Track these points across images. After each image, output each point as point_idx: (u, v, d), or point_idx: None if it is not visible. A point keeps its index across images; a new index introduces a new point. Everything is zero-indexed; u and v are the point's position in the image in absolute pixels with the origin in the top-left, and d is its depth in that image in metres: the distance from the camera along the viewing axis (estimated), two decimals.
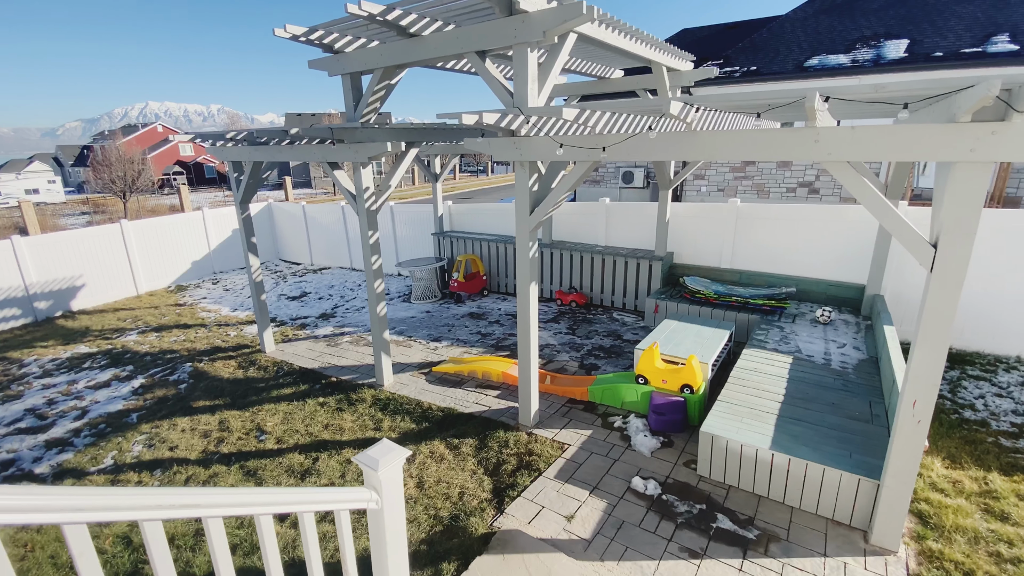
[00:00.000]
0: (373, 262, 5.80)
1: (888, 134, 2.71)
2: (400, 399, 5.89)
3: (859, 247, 7.10)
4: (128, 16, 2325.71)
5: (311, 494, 1.73)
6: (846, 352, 5.61)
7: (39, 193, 42.74)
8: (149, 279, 12.30)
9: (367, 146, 5.18)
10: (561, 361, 6.73)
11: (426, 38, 4.44)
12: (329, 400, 6.12)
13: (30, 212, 24.04)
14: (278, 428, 5.62)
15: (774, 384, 4.88)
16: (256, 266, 7.56)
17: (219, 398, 6.55)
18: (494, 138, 4.31)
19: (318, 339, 8.25)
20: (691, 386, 4.98)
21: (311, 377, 6.85)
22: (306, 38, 4.84)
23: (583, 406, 5.53)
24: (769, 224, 7.69)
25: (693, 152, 3.27)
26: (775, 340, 5.92)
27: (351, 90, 5.25)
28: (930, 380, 2.98)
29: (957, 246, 2.70)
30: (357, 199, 5.60)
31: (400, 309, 9.50)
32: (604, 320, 8.29)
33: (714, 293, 7.22)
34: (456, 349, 7.37)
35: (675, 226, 8.45)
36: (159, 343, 8.70)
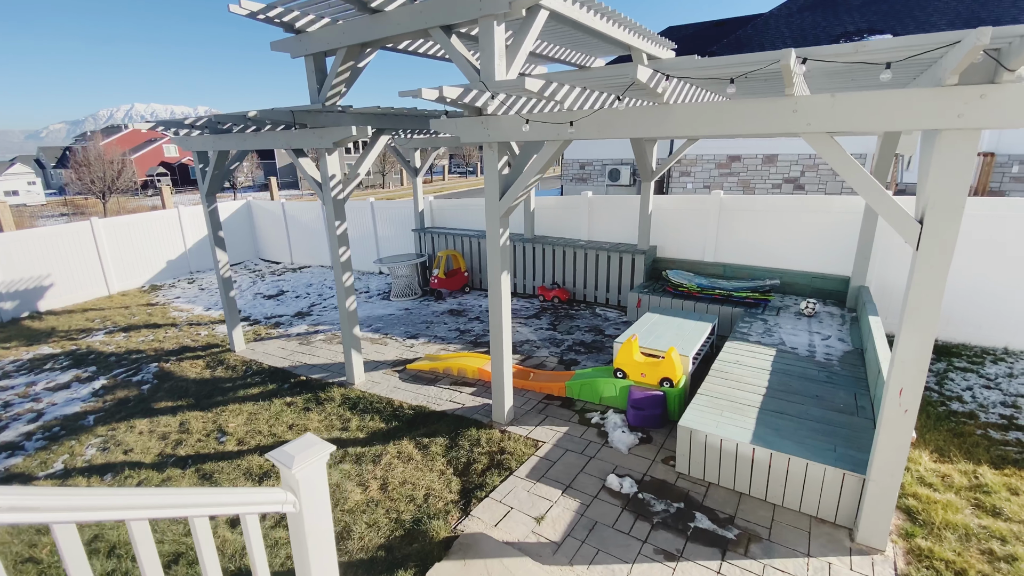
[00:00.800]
0: (341, 254, 5.54)
1: (871, 101, 2.52)
2: (370, 397, 5.63)
3: (843, 238, 6.97)
4: (113, 12, 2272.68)
5: (212, 495, 1.48)
6: (831, 344, 5.44)
7: (18, 195, 41.81)
8: (121, 278, 11.90)
9: (331, 130, 4.92)
10: (540, 357, 6.50)
11: (389, 14, 4.20)
12: (297, 400, 5.84)
13: (6, 212, 23.34)
14: (240, 429, 5.34)
15: (756, 377, 4.69)
16: (224, 262, 7.26)
17: (182, 399, 6.25)
18: (461, 119, 4.08)
19: (291, 337, 7.96)
20: (671, 379, 4.78)
21: (280, 376, 6.56)
22: (264, 15, 4.57)
23: (560, 402, 5.30)
24: (753, 216, 7.54)
25: (666, 127, 3.07)
26: (758, 333, 5.74)
27: (314, 72, 5.00)
28: (917, 366, 2.80)
29: (944, 221, 2.51)
30: (323, 188, 5.34)
31: (379, 307, 9.23)
32: (586, 316, 8.08)
33: (697, 286, 7.04)
34: (433, 346, 7.12)
35: (658, 219, 8.27)
36: (126, 343, 8.35)
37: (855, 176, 2.70)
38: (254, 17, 4.58)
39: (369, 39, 4.41)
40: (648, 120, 3.14)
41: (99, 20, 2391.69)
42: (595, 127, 3.34)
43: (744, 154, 14.38)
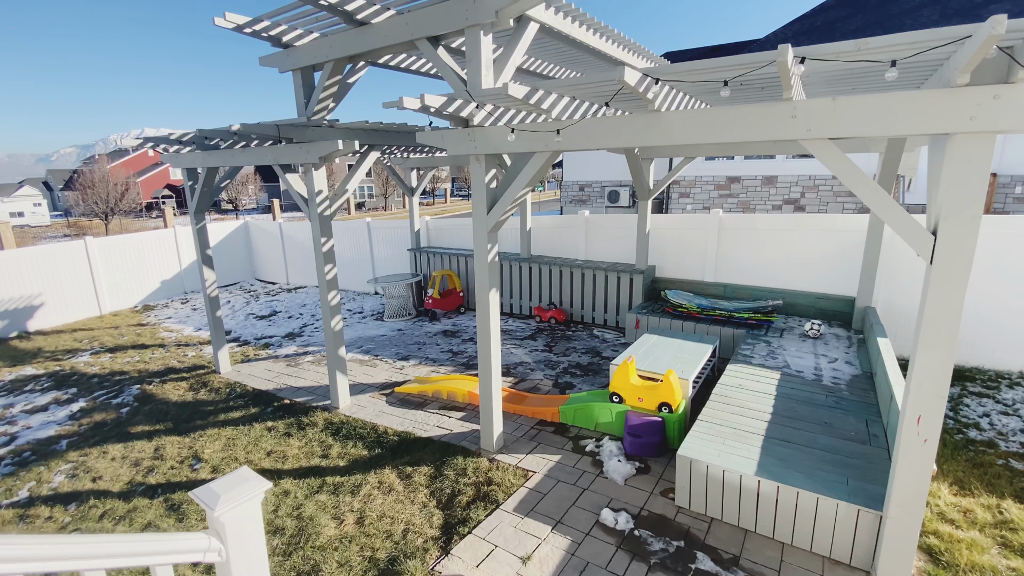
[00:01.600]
0: (327, 272, 5.35)
1: (875, 104, 2.35)
2: (354, 423, 5.36)
3: (847, 258, 6.76)
4: (125, 38, 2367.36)
5: (115, 544, 1.25)
6: (838, 367, 5.18)
7: (23, 216, 42.18)
8: (114, 298, 11.73)
9: (317, 145, 4.80)
10: (534, 380, 6.24)
11: (376, 26, 4.11)
12: (278, 424, 5.58)
13: (7, 232, 23.44)
14: (216, 455, 5.07)
15: (760, 402, 4.42)
16: (212, 281, 7.09)
17: (160, 423, 5.99)
18: (447, 131, 3.94)
19: (279, 359, 7.72)
20: (669, 404, 4.51)
21: (264, 399, 6.31)
22: (251, 29, 4.50)
23: (554, 428, 5.02)
24: (753, 236, 7.36)
25: (657, 135, 2.90)
26: (761, 355, 5.49)
27: (302, 87, 4.91)
28: (936, 391, 2.55)
29: (960, 231, 2.31)
30: (309, 203, 5.19)
31: (371, 327, 9.00)
32: (584, 337, 7.84)
33: (697, 307, 6.82)
34: (424, 368, 6.86)
35: (657, 239, 8.10)
36: (111, 364, 8.13)
37: (861, 185, 2.51)
38: (240, 31, 4.51)
39: (356, 52, 4.32)
40: (639, 128, 2.98)
41: (109, 41, 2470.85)
42: (583, 136, 3.18)
43: (744, 175, 14.32)
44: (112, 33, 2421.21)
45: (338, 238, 12.39)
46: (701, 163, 14.76)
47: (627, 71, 2.37)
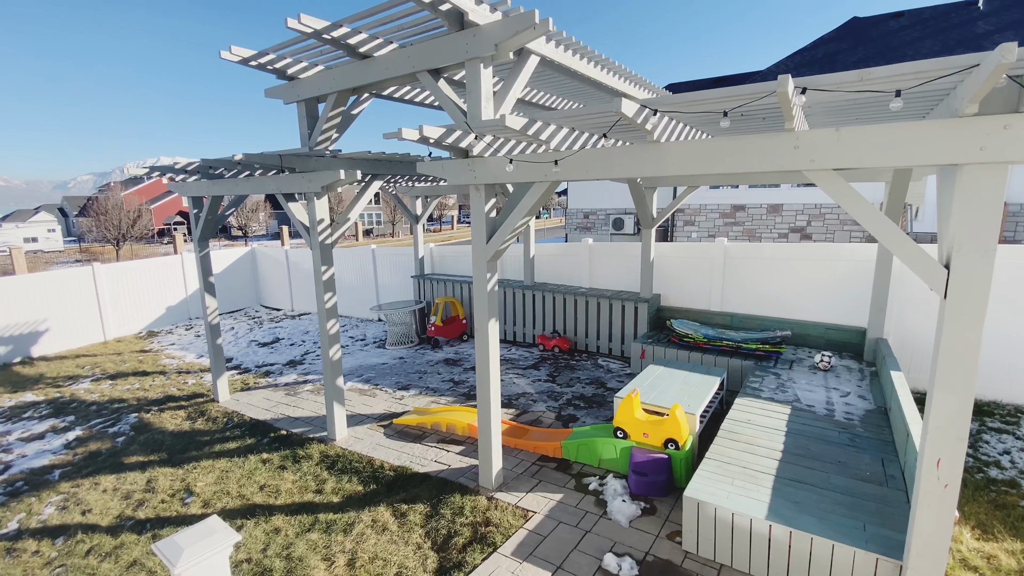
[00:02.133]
0: (327, 300, 5.30)
1: (880, 135, 2.29)
2: (350, 456, 5.21)
3: (857, 288, 6.64)
4: (141, 67, 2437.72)
5: None
6: (850, 402, 5.00)
7: (37, 241, 42.96)
8: (119, 325, 11.74)
9: (320, 175, 4.82)
10: (537, 412, 6.08)
11: (378, 59, 4.17)
12: (273, 457, 5.44)
13: (19, 258, 23.90)
14: (208, 489, 4.93)
15: (770, 438, 4.25)
16: (213, 308, 7.07)
17: (155, 453, 5.88)
18: (447, 161, 3.93)
19: (278, 387, 7.62)
20: (676, 441, 4.34)
21: (260, 430, 6.18)
22: (257, 62, 4.59)
23: (556, 464, 4.85)
24: (760, 265, 7.26)
25: (656, 166, 2.86)
26: (771, 388, 5.32)
27: (305, 117, 4.96)
28: (955, 432, 2.41)
29: (975, 265, 2.21)
30: (311, 231, 5.19)
31: (373, 355, 8.90)
32: (588, 366, 7.68)
33: (704, 337, 6.68)
34: (424, 398, 6.73)
35: (662, 267, 8.02)
36: (111, 391, 8.06)
37: (868, 216, 2.44)
38: (246, 64, 4.59)
39: (359, 84, 4.37)
40: (638, 159, 2.94)
41: (124, 70, 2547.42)
42: (582, 167, 3.15)
43: (749, 203, 14.31)
44: (128, 62, 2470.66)
45: (343, 264, 12.43)
46: (706, 191, 14.80)
47: (624, 102, 2.34)
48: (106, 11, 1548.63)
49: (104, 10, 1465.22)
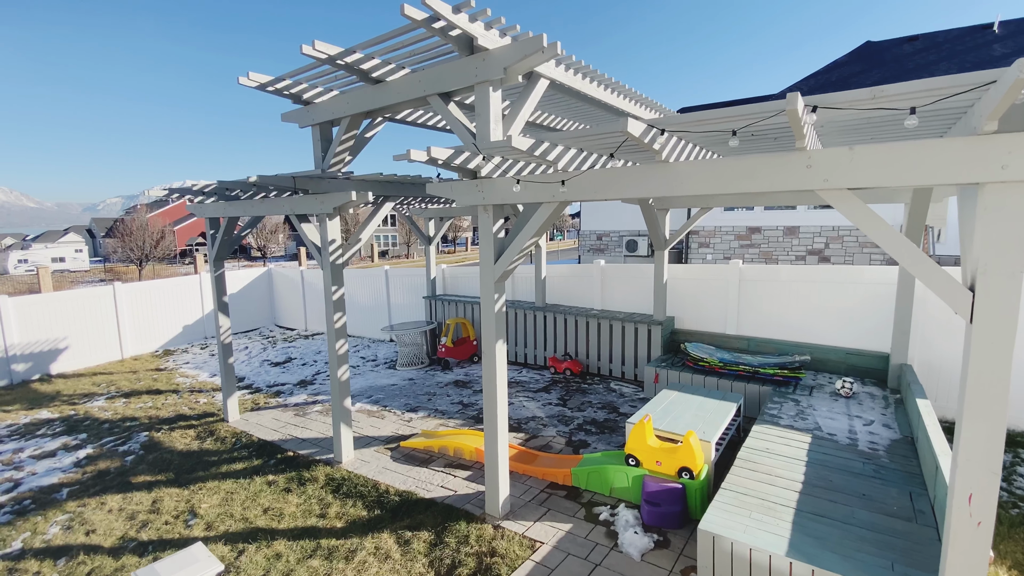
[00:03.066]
0: (336, 320, 5.30)
1: (895, 153, 2.22)
2: (356, 479, 5.13)
3: (878, 311, 6.44)
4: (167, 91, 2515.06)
5: None
6: (875, 431, 4.78)
7: (65, 261, 44.29)
8: (136, 343, 11.91)
9: (332, 196, 4.88)
10: (546, 437, 5.94)
11: (390, 84, 4.25)
12: (279, 479, 5.38)
13: (46, 277, 24.67)
14: (212, 511, 4.87)
15: (790, 468, 4.06)
16: (226, 328, 7.13)
17: (163, 473, 5.86)
18: (456, 182, 3.95)
19: (288, 407, 7.60)
20: (690, 470, 4.18)
21: (268, 450, 6.14)
22: (274, 88, 4.71)
23: (566, 492, 4.70)
24: (776, 287, 7.11)
25: (665, 185, 2.82)
26: (790, 415, 5.13)
27: (320, 141, 5.06)
28: (987, 466, 2.26)
29: (1001, 286, 2.10)
30: (322, 252, 5.22)
31: (383, 376, 8.86)
32: (600, 390, 7.53)
33: (719, 361, 6.50)
34: (432, 421, 6.63)
35: (675, 289, 7.91)
36: (123, 410, 8.12)
37: (886, 237, 2.35)
38: (263, 89, 4.71)
39: (372, 108, 4.44)
40: (646, 179, 2.90)
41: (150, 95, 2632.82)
42: (590, 187, 3.12)
43: (765, 225, 14.14)
44: (155, 88, 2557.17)
45: (356, 285, 12.52)
46: (720, 213, 14.68)
47: (630, 122, 2.32)
48: (137, 45, 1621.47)
49: (135, 45, 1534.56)
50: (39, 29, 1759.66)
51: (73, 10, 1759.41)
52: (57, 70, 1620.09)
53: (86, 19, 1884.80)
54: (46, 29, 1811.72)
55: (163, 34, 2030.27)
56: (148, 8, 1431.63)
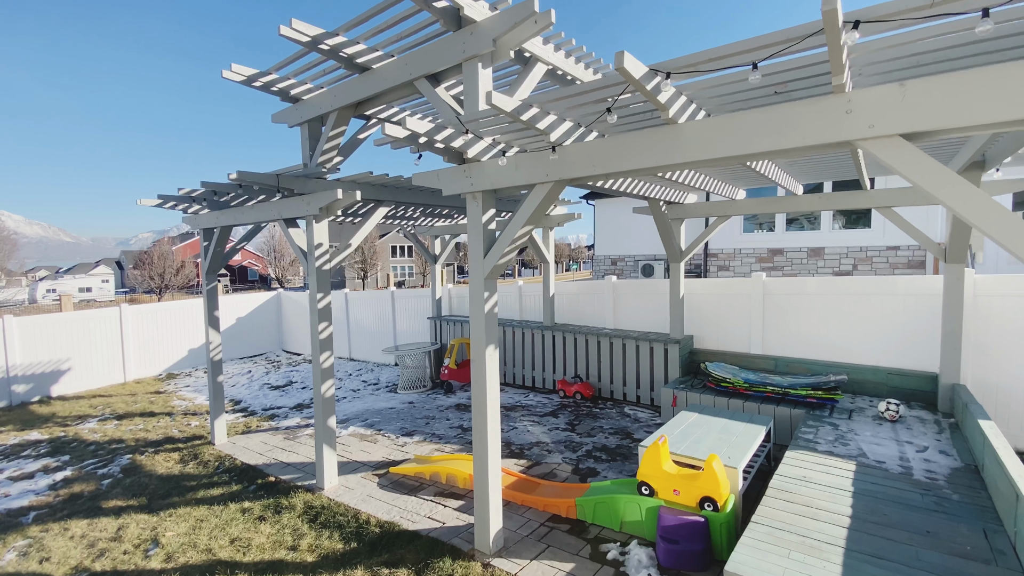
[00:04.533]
0: (321, 330, 4.91)
1: (963, 84, 1.77)
2: (335, 508, 4.60)
3: (920, 325, 5.80)
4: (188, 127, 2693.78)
5: None
6: (930, 458, 4.11)
7: (91, 291, 45.44)
8: (140, 366, 11.69)
9: (318, 196, 4.58)
10: (551, 464, 5.35)
11: (376, 71, 3.98)
12: (254, 506, 4.89)
13: (67, 303, 25.11)
14: (176, 540, 4.39)
15: (833, 500, 3.43)
16: (216, 344, 6.80)
17: (136, 498, 5.44)
18: (443, 170, 3.59)
19: (279, 431, 7.15)
20: (714, 500, 3.57)
21: (249, 475, 5.67)
22: (260, 82, 4.49)
23: (569, 526, 4.09)
24: (803, 302, 6.52)
25: (672, 151, 2.39)
26: (828, 440, 4.48)
27: (308, 139, 4.80)
28: None
29: None
30: (308, 256, 4.88)
31: (382, 399, 8.38)
32: (613, 415, 6.91)
33: (744, 382, 5.88)
34: (427, 446, 6.10)
35: (694, 306, 7.35)
36: (113, 432, 7.78)
37: (955, 193, 1.86)
38: (249, 84, 4.50)
39: (359, 98, 4.17)
40: (650, 145, 2.48)
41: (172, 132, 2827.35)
42: (587, 160, 2.71)
43: (787, 247, 13.53)
44: (191, 122, 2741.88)
45: (361, 308, 12.22)
46: (740, 235, 14.15)
47: (627, 58, 1.92)
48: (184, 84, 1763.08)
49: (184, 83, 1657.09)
50: (99, 85, 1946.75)
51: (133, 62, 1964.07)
52: (99, 109, 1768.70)
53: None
54: (107, 87, 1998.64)
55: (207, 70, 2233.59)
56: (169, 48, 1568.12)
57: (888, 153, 1.97)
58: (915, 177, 1.91)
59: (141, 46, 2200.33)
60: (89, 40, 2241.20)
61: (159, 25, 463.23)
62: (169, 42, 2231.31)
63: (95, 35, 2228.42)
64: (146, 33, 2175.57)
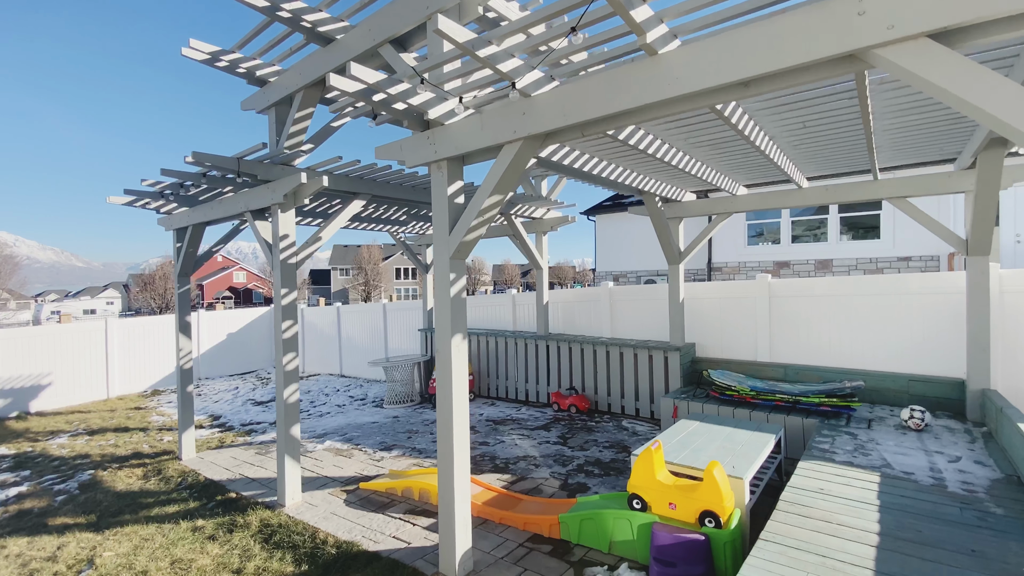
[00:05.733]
0: (285, 329, 4.51)
1: None
2: (293, 526, 4.12)
3: (942, 326, 5.32)
4: None
5: None
6: (965, 468, 3.59)
7: (95, 313, 45.50)
8: (125, 382, 11.29)
9: (282, 182, 4.25)
10: (537, 479, 4.84)
11: (341, 41, 3.69)
12: (208, 524, 4.41)
13: (67, 322, 24.87)
14: (114, 561, 3.92)
15: (856, 514, 2.93)
16: (186, 351, 6.42)
17: (86, 515, 4.99)
18: (405, 139, 3.25)
19: (252, 446, 6.70)
20: (716, 515, 3.08)
21: (210, 492, 5.21)
22: (224, 62, 4.22)
23: (551, 547, 3.58)
24: (813, 304, 6.07)
25: (658, 86, 2.03)
26: (846, 450, 3.97)
27: (275, 124, 4.50)
28: None
29: None
30: (273, 249, 4.53)
31: (366, 414, 7.91)
32: (609, 428, 6.40)
33: (751, 390, 5.38)
34: (406, 460, 5.61)
35: (696, 311, 6.90)
36: (82, 447, 7.36)
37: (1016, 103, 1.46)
38: (212, 65, 4.23)
39: (324, 71, 3.87)
40: (627, 84, 2.12)
41: None
42: (558, 108, 2.36)
43: (794, 259, 13.09)
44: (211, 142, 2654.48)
45: (353, 322, 11.85)
46: (744, 247, 13.75)
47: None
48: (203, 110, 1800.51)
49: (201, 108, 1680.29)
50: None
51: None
52: (110, 132, 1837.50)
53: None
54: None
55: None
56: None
57: (913, 60, 1.59)
58: (954, 87, 1.53)
59: (148, 59, 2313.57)
60: (105, 61, 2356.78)
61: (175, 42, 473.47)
62: (194, 66, 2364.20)
63: (113, 54, 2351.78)
64: (167, 52, 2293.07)
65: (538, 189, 7.30)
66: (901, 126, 3.79)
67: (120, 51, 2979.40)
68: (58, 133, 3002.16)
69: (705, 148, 4.30)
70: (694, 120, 3.58)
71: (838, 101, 3.18)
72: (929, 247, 11.36)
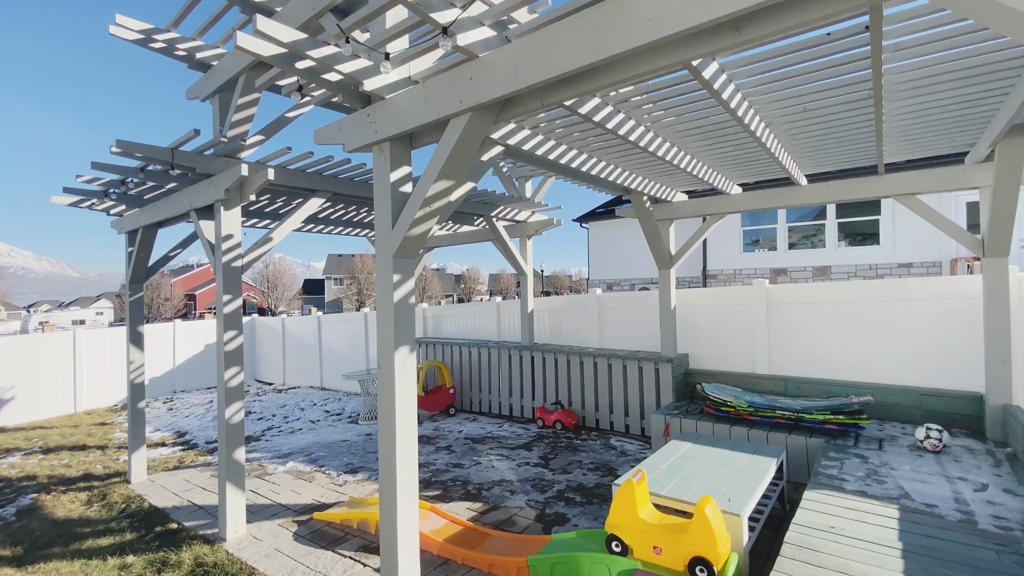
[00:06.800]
0: (227, 340, 4.04)
1: None
2: (229, 566, 3.61)
3: (956, 335, 4.89)
4: None
5: None
6: (994, 499, 3.12)
7: (84, 323, 44.77)
8: (94, 396, 10.73)
9: (223, 175, 3.81)
10: (511, 508, 4.34)
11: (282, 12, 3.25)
12: (138, 561, 3.90)
13: (50, 331, 24.28)
14: None
15: (877, 560, 2.45)
16: (139, 364, 5.94)
17: (13, 547, 4.51)
18: (344, 119, 2.81)
19: (210, 467, 6.18)
20: (707, 562, 2.59)
21: (151, 521, 4.69)
22: (160, 44, 3.79)
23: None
24: (814, 312, 5.63)
25: (624, 32, 1.60)
26: (857, 476, 3.50)
27: (219, 113, 4.07)
28: None
29: None
30: (215, 250, 4.07)
31: (337, 431, 7.39)
32: (596, 447, 5.90)
33: (749, 406, 4.92)
34: (370, 485, 5.10)
35: (689, 319, 6.45)
36: (32, 468, 6.82)
37: None
38: (146, 46, 3.80)
39: None
40: (590, 30, 1.69)
41: None
42: (509, 68, 1.92)
43: (791, 267, 12.71)
44: None
45: (334, 332, 11.35)
46: (740, 254, 13.36)
47: None
48: None
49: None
50: None
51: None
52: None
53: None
54: None
55: None
56: None
57: None
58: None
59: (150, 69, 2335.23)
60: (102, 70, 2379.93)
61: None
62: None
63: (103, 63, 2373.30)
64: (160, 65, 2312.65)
65: (522, 190, 6.87)
66: (912, 109, 3.38)
67: (117, 50, 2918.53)
68: (55, 136, 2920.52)
69: (695, 138, 3.87)
70: (683, 101, 3.17)
71: (845, 75, 2.77)
72: (931, 253, 10.96)
